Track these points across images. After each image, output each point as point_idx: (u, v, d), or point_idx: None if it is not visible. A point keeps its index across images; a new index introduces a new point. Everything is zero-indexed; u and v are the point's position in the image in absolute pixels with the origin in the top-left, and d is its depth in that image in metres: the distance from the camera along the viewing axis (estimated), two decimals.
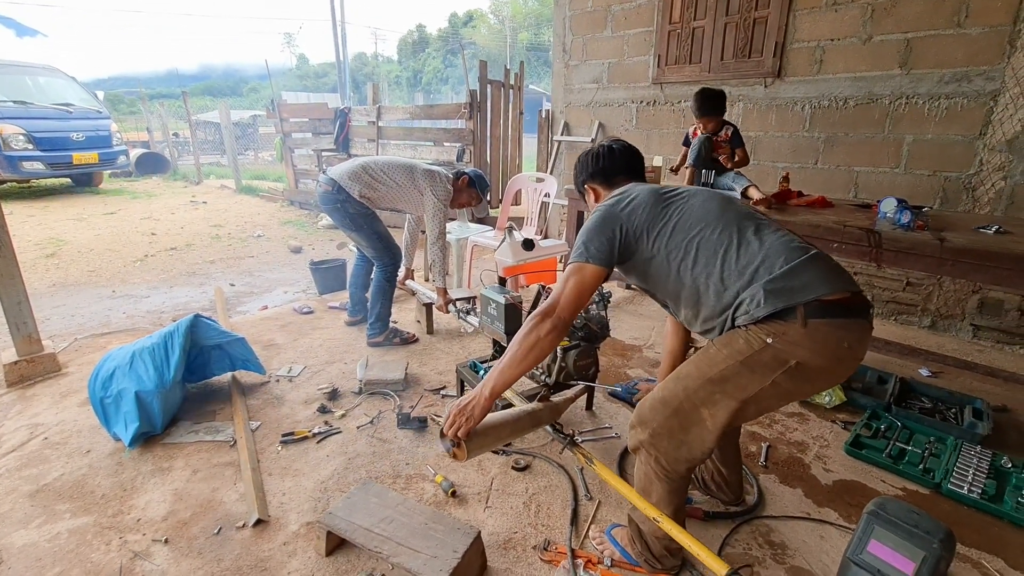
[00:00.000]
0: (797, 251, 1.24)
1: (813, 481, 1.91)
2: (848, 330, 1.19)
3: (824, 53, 3.32)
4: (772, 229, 1.31)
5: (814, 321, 1.16)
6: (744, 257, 1.25)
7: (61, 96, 8.38)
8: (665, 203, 1.38)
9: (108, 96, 21.22)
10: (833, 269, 1.24)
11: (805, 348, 1.18)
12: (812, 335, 1.17)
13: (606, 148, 1.62)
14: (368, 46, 64.27)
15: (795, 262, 1.21)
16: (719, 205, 1.37)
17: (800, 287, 1.18)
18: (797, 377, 1.21)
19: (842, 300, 1.19)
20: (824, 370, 1.23)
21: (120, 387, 2.04)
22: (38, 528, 1.66)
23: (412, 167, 2.86)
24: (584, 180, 1.67)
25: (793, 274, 1.19)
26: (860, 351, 1.24)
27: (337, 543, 1.56)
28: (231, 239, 5.90)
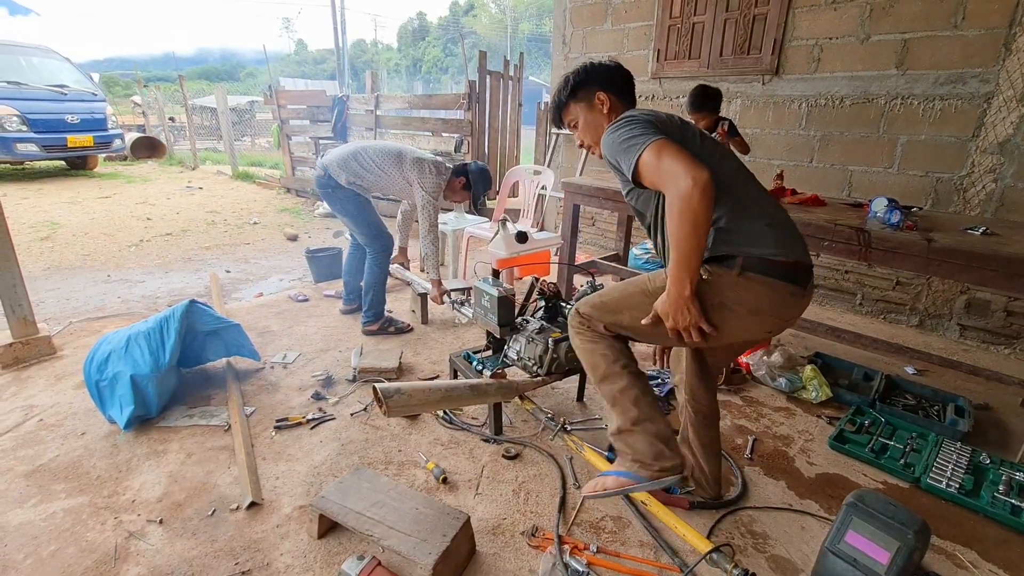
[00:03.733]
0: (763, 206, 1.33)
1: (796, 474, 1.95)
2: (776, 291, 1.27)
3: (822, 51, 3.33)
4: (747, 177, 1.40)
5: (749, 273, 1.26)
6: (720, 193, 1.22)
7: (56, 78, 8.28)
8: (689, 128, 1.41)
9: (103, 78, 20.96)
10: (788, 234, 1.33)
11: (732, 294, 1.28)
12: (743, 285, 1.27)
13: (616, 63, 1.59)
14: (368, 33, 63.72)
15: (756, 217, 1.30)
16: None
17: (748, 241, 1.28)
18: (716, 316, 1.30)
19: (784, 263, 1.27)
20: (742, 317, 1.31)
21: (116, 370, 2.05)
22: (34, 507, 1.68)
23: (402, 155, 2.81)
24: (600, 86, 1.51)
25: (745, 225, 1.29)
26: (785, 313, 1.33)
27: (329, 526, 1.59)
28: (227, 225, 5.89)
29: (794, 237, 1.34)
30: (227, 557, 1.51)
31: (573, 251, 3.41)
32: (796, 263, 1.29)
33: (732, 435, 2.17)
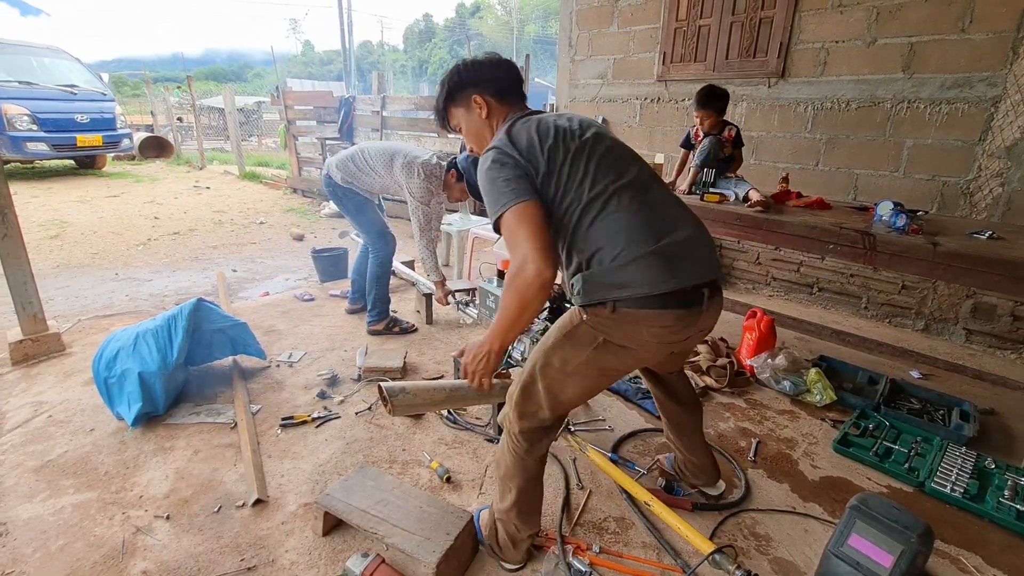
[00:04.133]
0: (641, 240, 1.20)
1: (800, 477, 1.95)
2: (655, 320, 1.22)
3: (828, 55, 3.33)
4: (634, 196, 1.25)
5: (622, 309, 1.22)
6: (593, 233, 1.22)
7: (66, 77, 8.36)
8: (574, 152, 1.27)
9: (112, 78, 21.14)
10: (668, 262, 1.20)
11: (612, 330, 1.26)
12: (619, 320, 1.24)
13: (499, 57, 1.46)
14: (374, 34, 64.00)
15: (628, 258, 1.19)
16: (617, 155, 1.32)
17: (617, 285, 1.20)
18: (607, 352, 1.29)
19: (670, 295, 1.21)
20: (630, 350, 1.28)
21: (124, 368, 2.08)
22: (43, 502, 1.70)
23: (393, 156, 2.74)
24: (473, 87, 1.40)
25: (616, 271, 1.20)
26: (681, 333, 1.27)
27: (334, 524, 1.60)
28: (234, 225, 5.93)
29: (682, 259, 1.22)
30: (233, 553, 1.53)
31: None
32: (682, 291, 1.21)
33: (735, 437, 2.17)
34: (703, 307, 1.28)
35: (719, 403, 2.44)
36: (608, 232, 1.22)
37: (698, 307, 1.26)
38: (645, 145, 4.37)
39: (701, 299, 1.26)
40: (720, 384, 2.53)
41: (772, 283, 3.95)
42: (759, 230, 2.51)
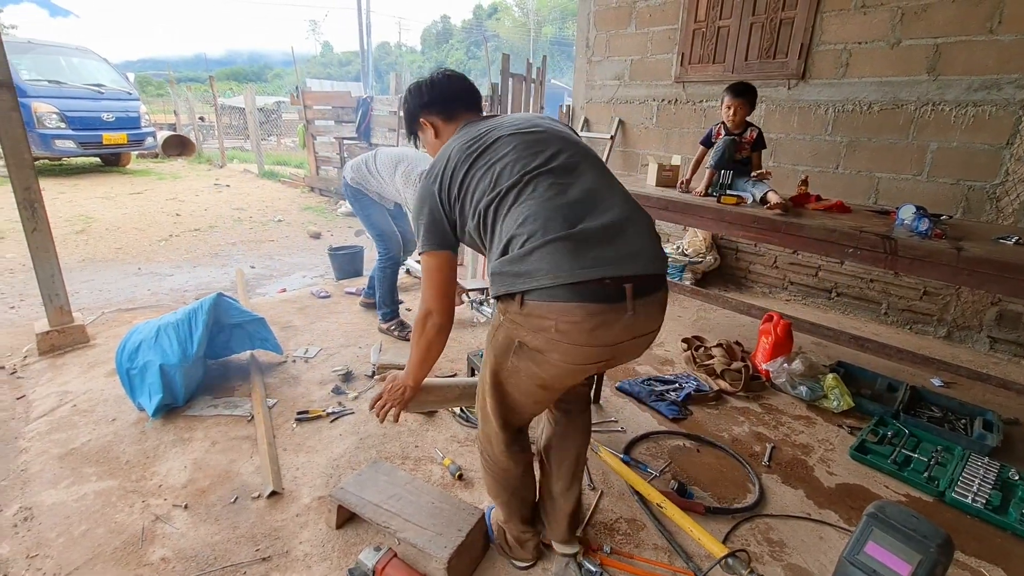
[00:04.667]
0: (552, 225, 1.12)
1: (816, 483, 1.93)
2: (565, 312, 1.08)
3: (850, 56, 3.28)
4: (554, 182, 1.18)
5: (529, 302, 1.11)
6: (507, 223, 1.17)
7: (93, 77, 8.58)
8: (475, 157, 1.25)
9: (137, 78, 21.63)
10: (578, 247, 1.10)
11: (524, 331, 1.14)
12: (527, 316, 1.12)
13: (441, 74, 1.46)
14: (392, 36, 64.50)
15: (535, 245, 1.10)
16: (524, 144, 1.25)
17: (523, 274, 1.10)
18: (527, 359, 1.18)
19: (579, 284, 1.08)
20: (548, 355, 1.14)
21: (146, 360, 2.12)
22: (66, 489, 1.75)
23: (397, 164, 2.70)
24: (418, 112, 1.46)
25: (522, 259, 1.11)
26: (585, 338, 1.11)
27: (347, 517, 1.62)
28: (252, 222, 6.02)
29: (599, 246, 1.11)
30: (248, 543, 1.55)
31: None
32: (598, 280, 1.08)
33: (750, 442, 2.15)
34: (627, 306, 1.10)
35: (733, 407, 2.41)
36: (519, 219, 1.14)
37: (619, 304, 1.09)
38: (662, 146, 4.35)
39: (622, 295, 1.09)
40: (735, 388, 2.50)
41: (789, 287, 3.90)
42: (777, 233, 2.48)
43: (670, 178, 3.25)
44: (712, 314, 3.53)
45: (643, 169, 4.30)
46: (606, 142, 4.64)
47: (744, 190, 2.84)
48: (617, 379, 2.57)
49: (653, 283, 1.17)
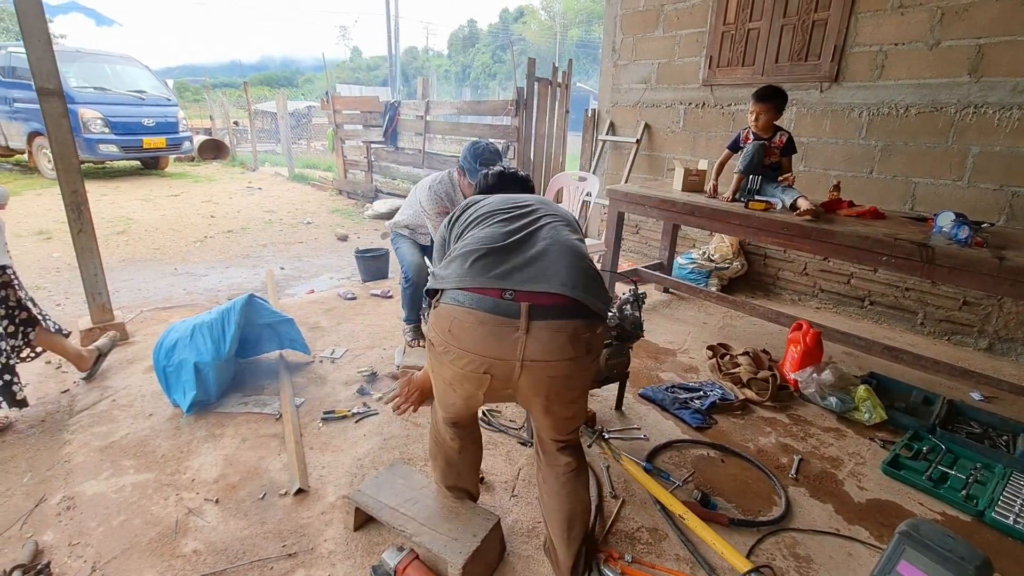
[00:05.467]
0: (484, 242, 1.26)
1: (845, 498, 1.87)
2: (457, 316, 1.18)
3: (886, 58, 3.19)
4: (508, 219, 1.34)
5: (440, 304, 1.23)
6: (459, 242, 1.35)
7: (135, 83, 8.94)
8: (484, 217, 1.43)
9: (176, 84, 22.42)
10: (489, 260, 1.22)
11: (433, 328, 1.26)
12: (436, 316, 1.24)
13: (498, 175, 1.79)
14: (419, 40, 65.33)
15: (458, 253, 1.27)
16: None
17: (440, 277, 1.25)
18: (437, 359, 1.28)
19: (480, 291, 1.18)
20: (448, 358, 1.23)
21: (181, 357, 2.20)
22: (106, 480, 1.83)
23: (424, 181, 2.74)
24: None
25: (449, 264, 1.26)
26: (477, 346, 1.17)
27: (365, 519, 1.64)
28: (283, 224, 6.18)
29: (510, 262, 1.21)
30: (275, 539, 1.60)
31: (616, 258, 3.40)
32: (495, 291, 1.16)
33: (776, 453, 2.10)
34: (520, 323, 1.14)
35: (760, 417, 2.37)
36: (467, 240, 1.32)
37: (512, 320, 1.14)
38: (688, 151, 4.30)
39: (517, 312, 1.14)
40: (761, 398, 2.45)
41: (820, 295, 3.80)
42: (807, 240, 2.43)
43: (696, 183, 3.21)
44: (738, 321, 3.47)
45: (669, 173, 4.26)
46: (631, 146, 4.61)
47: (773, 195, 2.78)
48: (640, 385, 2.55)
49: (562, 311, 1.17)
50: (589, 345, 1.21)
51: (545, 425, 1.36)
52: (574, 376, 1.23)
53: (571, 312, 1.17)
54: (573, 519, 1.38)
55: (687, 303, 3.75)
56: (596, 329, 1.23)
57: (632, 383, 2.55)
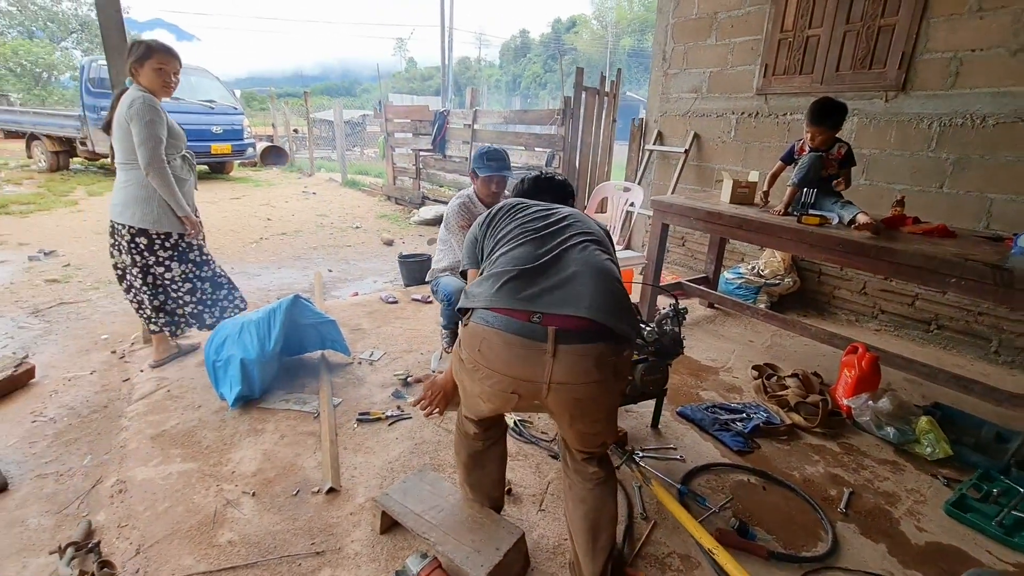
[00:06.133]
0: (515, 263, 1.29)
1: (901, 538, 1.73)
2: (486, 337, 1.21)
3: (961, 65, 2.97)
4: (541, 240, 1.35)
5: (471, 322, 1.26)
6: (492, 262, 1.37)
7: (207, 93, 9.56)
8: (512, 214, 1.49)
9: (243, 94, 23.82)
10: (518, 282, 1.24)
11: (464, 344, 1.29)
12: (466, 333, 1.27)
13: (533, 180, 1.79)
14: (473, 51, 66.65)
15: (489, 274, 1.30)
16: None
17: (472, 295, 1.28)
18: (463, 371, 1.31)
19: (509, 312, 1.20)
20: (475, 372, 1.26)
21: (229, 353, 2.31)
22: (155, 467, 1.93)
23: (450, 204, 2.74)
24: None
25: (481, 284, 1.29)
26: (503, 367, 1.20)
27: (391, 523, 1.64)
28: (333, 228, 6.41)
29: (538, 285, 1.23)
30: (305, 536, 1.63)
31: (659, 271, 3.31)
32: (523, 314, 1.18)
33: (824, 484, 1.97)
34: (547, 347, 1.15)
35: (807, 444, 2.23)
36: (496, 259, 1.35)
37: (540, 343, 1.15)
38: (739, 161, 4.15)
39: (544, 336, 1.15)
40: (810, 423, 2.31)
41: (880, 316, 3.56)
42: (864, 257, 2.28)
43: (746, 195, 3.09)
44: (788, 341, 3.30)
45: (717, 185, 4.13)
46: (679, 156, 4.50)
47: (830, 210, 2.64)
48: (679, 403, 2.46)
49: (589, 335, 1.17)
50: (616, 369, 1.22)
51: (571, 437, 1.34)
52: (600, 398, 1.24)
53: (597, 336, 1.18)
54: (598, 529, 1.34)
55: (733, 319, 3.60)
56: (623, 353, 1.23)
57: (670, 400, 2.47)
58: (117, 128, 2.34)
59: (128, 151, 2.34)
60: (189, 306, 2.65)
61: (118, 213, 2.42)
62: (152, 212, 2.40)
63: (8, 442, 2.07)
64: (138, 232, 2.43)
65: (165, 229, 2.46)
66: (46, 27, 26.45)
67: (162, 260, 2.51)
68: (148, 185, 2.37)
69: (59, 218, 6.22)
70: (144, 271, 2.50)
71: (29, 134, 10.14)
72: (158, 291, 2.58)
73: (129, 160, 2.36)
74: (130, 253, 2.46)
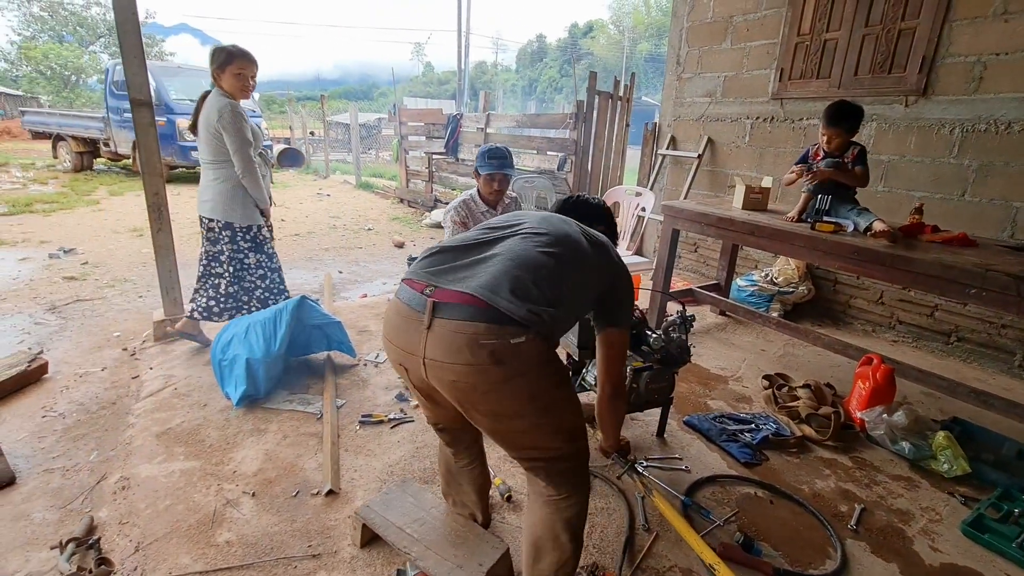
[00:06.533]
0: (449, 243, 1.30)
1: (914, 558, 1.67)
2: (389, 307, 1.25)
3: (985, 69, 2.88)
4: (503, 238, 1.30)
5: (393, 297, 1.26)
6: None
7: None
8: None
9: (263, 97, 24.21)
10: (435, 259, 1.25)
11: None
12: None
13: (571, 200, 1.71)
14: (489, 55, 67.05)
15: (430, 251, 1.30)
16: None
17: (410, 269, 1.29)
18: None
19: (411, 282, 1.21)
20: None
21: (235, 353, 2.32)
22: (159, 464, 1.94)
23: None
24: None
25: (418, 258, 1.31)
26: (398, 336, 1.20)
27: (371, 536, 1.59)
28: (345, 230, 6.45)
29: (448, 263, 1.23)
30: (303, 538, 1.63)
31: (669, 277, 3.26)
32: (420, 284, 1.19)
33: (835, 499, 1.91)
34: (424, 317, 1.12)
35: (818, 458, 2.17)
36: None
37: (419, 313, 1.14)
38: (754, 167, 4.08)
39: (423, 305, 1.14)
40: (821, 436, 2.25)
41: (897, 327, 3.47)
42: (880, 266, 2.22)
43: (759, 200, 3.03)
44: (801, 351, 3.22)
45: (730, 191, 4.06)
46: (692, 161, 4.44)
47: (845, 217, 2.57)
48: (686, 412, 2.41)
49: (469, 312, 1.09)
50: (495, 353, 1.07)
51: (487, 434, 1.27)
52: (480, 387, 1.11)
53: (480, 315, 1.09)
54: (540, 551, 1.26)
55: (744, 327, 3.54)
56: (510, 339, 1.08)
57: (676, 409, 2.42)
58: (203, 131, 2.55)
59: (214, 151, 2.57)
60: (259, 291, 2.85)
61: (208, 209, 2.65)
62: (237, 208, 2.64)
63: (18, 436, 2.10)
64: (224, 225, 2.65)
65: (247, 223, 2.69)
66: (75, 31, 27.26)
67: (243, 250, 2.74)
68: (230, 182, 2.60)
69: (80, 217, 6.36)
70: (230, 260, 2.71)
71: (55, 135, 10.42)
72: (234, 279, 2.75)
73: (214, 160, 2.59)
74: (216, 244, 2.70)
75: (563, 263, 1.22)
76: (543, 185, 4.61)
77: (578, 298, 1.27)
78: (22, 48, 25.61)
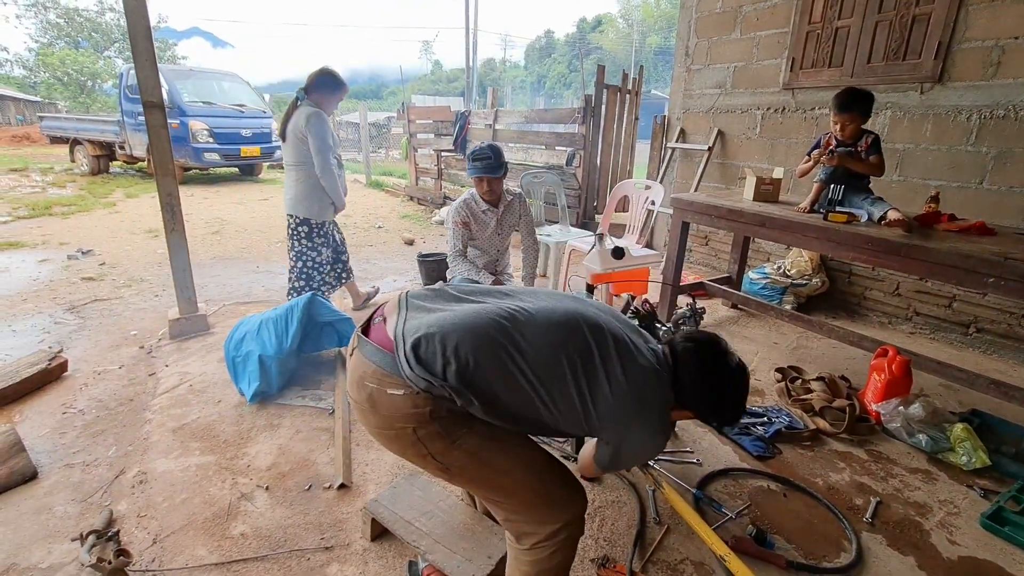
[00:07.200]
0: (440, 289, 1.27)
1: (931, 551, 1.64)
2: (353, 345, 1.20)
3: (1003, 54, 2.81)
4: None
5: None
6: None
7: (238, 98, 9.83)
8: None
9: (273, 98, 24.40)
10: (408, 298, 1.22)
11: None
12: None
13: None
14: (498, 52, 66.88)
15: (424, 290, 1.27)
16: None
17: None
18: None
19: (384, 316, 1.20)
20: None
21: (248, 349, 2.35)
22: (175, 459, 1.98)
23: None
24: None
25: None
26: (350, 374, 1.17)
27: (381, 530, 1.61)
28: (356, 228, 6.49)
29: (412, 303, 1.20)
30: (315, 531, 1.65)
31: (678, 271, 3.24)
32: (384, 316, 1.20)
33: (850, 493, 1.89)
34: (353, 342, 1.18)
35: (833, 451, 2.14)
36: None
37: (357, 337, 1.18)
38: (765, 158, 4.03)
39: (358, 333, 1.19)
40: (836, 429, 2.22)
41: (914, 318, 3.41)
42: (895, 256, 2.18)
43: (770, 192, 3.00)
44: (815, 343, 3.18)
45: (741, 183, 4.02)
46: (702, 154, 4.40)
47: (859, 207, 2.53)
48: None
49: (375, 353, 1.10)
50: (372, 398, 1.07)
51: None
52: (370, 426, 1.14)
53: (383, 360, 1.07)
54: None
55: (757, 320, 3.50)
56: (386, 388, 1.05)
57: None
58: (292, 136, 2.87)
59: (297, 155, 2.90)
60: (330, 276, 3.29)
61: (291, 206, 3.01)
62: (314, 205, 3.00)
63: (40, 432, 2.15)
64: (302, 221, 3.02)
65: (322, 219, 3.07)
66: (91, 37, 27.69)
67: (316, 245, 3.11)
68: (309, 182, 2.93)
69: (98, 219, 6.47)
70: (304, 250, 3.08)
71: (72, 139, 10.61)
72: (307, 268, 3.11)
73: (297, 162, 2.92)
74: (296, 238, 3.06)
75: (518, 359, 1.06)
76: (551, 181, 4.61)
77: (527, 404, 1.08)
78: (40, 55, 26.10)
